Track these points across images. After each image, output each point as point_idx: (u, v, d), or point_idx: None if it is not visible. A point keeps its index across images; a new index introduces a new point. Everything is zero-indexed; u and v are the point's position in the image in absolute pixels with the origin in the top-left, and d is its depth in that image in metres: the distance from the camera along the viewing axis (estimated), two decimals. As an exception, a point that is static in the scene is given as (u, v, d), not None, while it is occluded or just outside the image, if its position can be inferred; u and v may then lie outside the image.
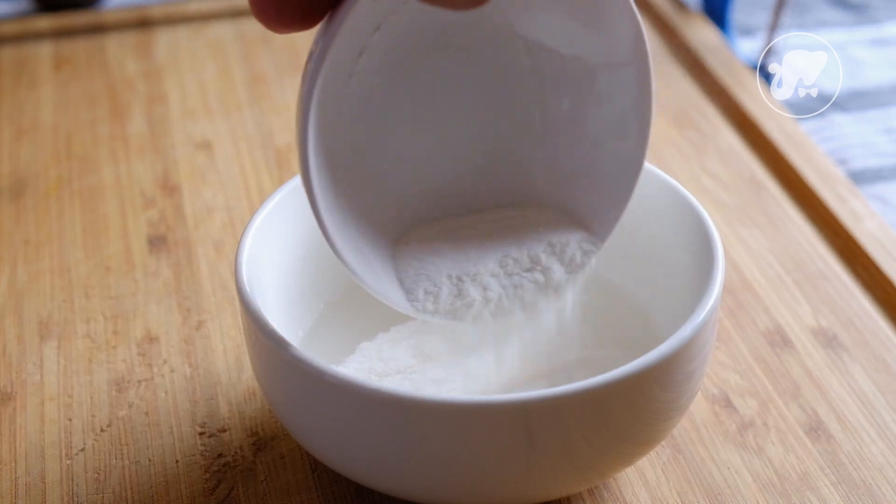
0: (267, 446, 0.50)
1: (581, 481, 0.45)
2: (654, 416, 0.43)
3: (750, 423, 0.51)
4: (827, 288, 0.58)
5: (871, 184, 0.71)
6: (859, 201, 0.64)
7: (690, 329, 0.42)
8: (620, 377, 0.40)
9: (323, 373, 0.40)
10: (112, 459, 0.49)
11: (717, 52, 0.78)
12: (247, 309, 0.43)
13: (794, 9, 0.88)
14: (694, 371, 0.43)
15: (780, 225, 0.63)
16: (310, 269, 0.51)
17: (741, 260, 0.60)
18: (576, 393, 0.39)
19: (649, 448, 0.45)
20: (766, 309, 0.57)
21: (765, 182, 0.67)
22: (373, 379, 0.47)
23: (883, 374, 0.53)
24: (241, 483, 0.48)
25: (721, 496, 0.47)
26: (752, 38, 0.87)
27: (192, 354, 0.54)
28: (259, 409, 0.51)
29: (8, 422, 0.51)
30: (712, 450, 0.49)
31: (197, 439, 0.50)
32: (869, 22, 0.90)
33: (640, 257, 0.52)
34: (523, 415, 0.40)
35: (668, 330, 0.43)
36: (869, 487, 0.48)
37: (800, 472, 0.48)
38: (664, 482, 0.48)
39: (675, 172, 0.66)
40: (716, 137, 0.71)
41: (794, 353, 0.54)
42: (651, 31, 0.82)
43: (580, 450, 0.42)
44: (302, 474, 0.48)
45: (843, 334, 0.55)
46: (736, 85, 0.74)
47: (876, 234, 0.61)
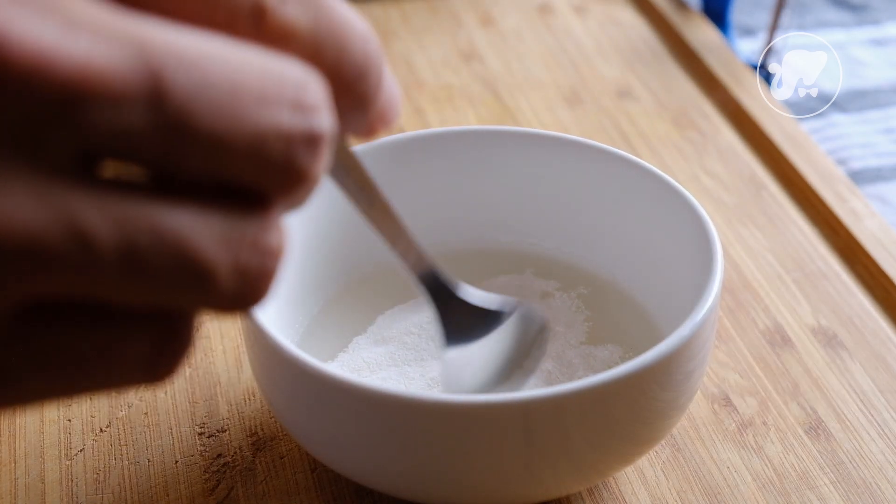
0: (266, 446, 0.50)
1: (580, 481, 0.45)
2: (653, 415, 0.43)
3: (749, 423, 0.51)
4: (827, 287, 0.58)
5: (871, 184, 0.71)
6: (859, 201, 0.63)
7: (690, 328, 0.42)
8: (620, 376, 0.40)
9: (321, 373, 0.40)
10: (111, 460, 0.49)
11: (717, 52, 0.78)
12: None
13: (794, 9, 0.88)
14: (693, 370, 0.43)
15: (779, 224, 0.63)
16: (308, 267, 0.51)
17: (741, 259, 0.60)
18: (575, 392, 0.39)
19: (649, 447, 0.45)
20: (765, 308, 0.57)
21: (765, 182, 0.66)
22: (370, 376, 0.47)
23: (883, 373, 0.53)
24: (240, 483, 0.48)
25: (721, 495, 0.47)
26: (752, 38, 0.87)
27: (191, 355, 0.54)
28: (258, 410, 0.51)
29: (8, 422, 0.51)
30: (712, 449, 0.49)
31: (196, 439, 0.50)
32: (869, 22, 0.90)
33: (638, 257, 0.52)
34: (523, 414, 0.40)
35: (667, 329, 0.43)
36: (868, 486, 0.48)
37: (799, 471, 0.48)
38: (664, 481, 0.48)
39: (674, 172, 0.66)
40: (716, 137, 0.71)
41: (794, 352, 0.54)
42: (651, 30, 0.83)
43: (580, 449, 0.42)
44: (301, 474, 0.48)
45: (843, 333, 0.55)
46: (736, 85, 0.74)
47: (876, 234, 0.61)
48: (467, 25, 0.84)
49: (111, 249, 0.20)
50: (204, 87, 0.20)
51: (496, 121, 0.73)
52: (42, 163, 0.19)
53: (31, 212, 0.19)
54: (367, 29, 0.24)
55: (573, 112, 0.74)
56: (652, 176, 0.50)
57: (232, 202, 0.21)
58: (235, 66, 0.21)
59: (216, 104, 0.20)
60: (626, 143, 0.70)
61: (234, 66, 0.21)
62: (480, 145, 0.54)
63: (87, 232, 0.19)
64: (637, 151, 0.69)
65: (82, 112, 0.19)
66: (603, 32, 0.83)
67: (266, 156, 0.21)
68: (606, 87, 0.76)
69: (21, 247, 0.19)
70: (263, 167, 0.21)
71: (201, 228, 0.21)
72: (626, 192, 0.52)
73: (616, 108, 0.74)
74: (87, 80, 0.19)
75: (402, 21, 0.85)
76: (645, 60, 0.79)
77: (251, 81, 0.21)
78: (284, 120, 0.21)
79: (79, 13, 0.20)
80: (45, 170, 0.19)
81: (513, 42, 0.82)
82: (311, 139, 0.21)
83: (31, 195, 0.19)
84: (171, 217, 0.20)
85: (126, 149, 0.20)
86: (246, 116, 0.21)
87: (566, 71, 0.78)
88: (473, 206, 0.55)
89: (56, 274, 0.20)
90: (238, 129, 0.21)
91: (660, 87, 0.76)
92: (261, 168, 0.21)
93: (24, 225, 0.19)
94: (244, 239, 0.21)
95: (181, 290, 0.21)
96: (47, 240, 0.19)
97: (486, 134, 0.54)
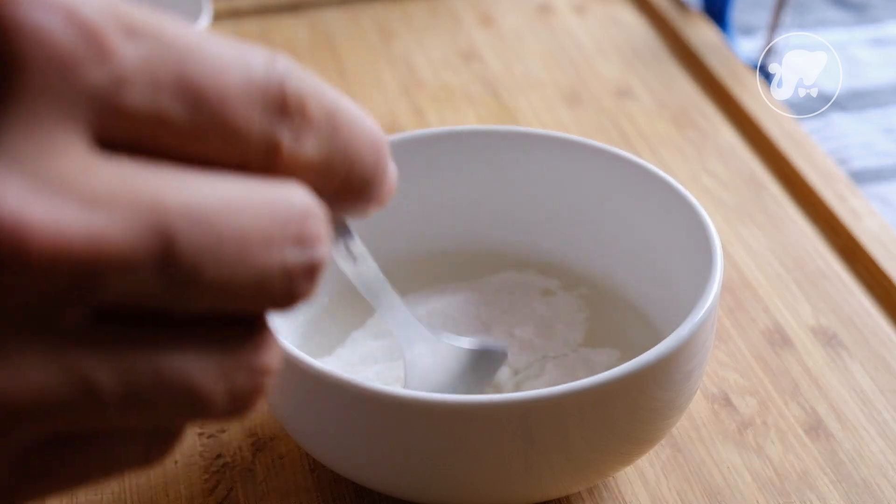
0: (266, 447, 0.50)
1: (580, 480, 0.45)
2: (653, 415, 0.43)
3: (749, 422, 0.51)
4: (827, 287, 0.58)
5: (871, 183, 0.71)
6: (859, 200, 0.63)
7: (689, 328, 0.42)
8: (619, 377, 0.40)
9: (321, 373, 0.40)
10: (111, 460, 0.49)
11: (717, 52, 0.78)
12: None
13: (794, 8, 0.88)
14: (693, 370, 0.43)
15: (779, 224, 0.63)
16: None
17: (741, 259, 0.60)
18: (575, 392, 0.39)
19: (648, 447, 0.45)
20: (765, 308, 0.57)
21: (765, 181, 0.66)
22: (364, 370, 0.47)
23: (883, 373, 0.53)
24: (240, 483, 0.48)
25: (720, 495, 0.47)
26: (752, 37, 0.87)
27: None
28: (258, 410, 0.51)
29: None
30: (712, 449, 0.49)
31: (196, 440, 0.50)
32: (869, 22, 0.90)
33: (638, 256, 0.52)
34: (522, 414, 0.40)
35: (667, 329, 0.43)
36: (868, 486, 0.48)
37: (799, 471, 0.48)
38: (663, 481, 0.48)
39: (675, 172, 0.66)
40: (716, 137, 0.71)
41: (794, 351, 0.54)
42: (651, 30, 0.83)
43: (579, 449, 0.42)
44: (301, 475, 0.48)
45: (843, 333, 0.55)
46: (736, 84, 0.74)
47: (876, 233, 0.61)
48: (467, 25, 0.84)
49: (117, 397, 0.21)
50: (213, 242, 0.21)
51: (496, 121, 0.73)
52: (52, 330, 0.20)
53: (45, 375, 0.20)
54: (377, 132, 0.25)
55: (573, 112, 0.74)
56: (652, 176, 0.50)
57: (227, 330, 0.22)
58: (242, 212, 0.22)
59: (224, 256, 0.21)
60: (626, 143, 0.70)
61: (242, 213, 0.21)
62: (480, 145, 0.54)
63: (94, 385, 0.21)
64: (637, 151, 0.69)
65: (96, 283, 0.20)
66: (603, 32, 0.83)
67: (269, 292, 0.22)
68: (606, 86, 0.76)
69: (35, 404, 0.20)
70: (264, 300, 0.22)
71: (199, 364, 0.22)
72: (626, 192, 0.52)
73: (616, 108, 0.74)
74: (101, 256, 0.20)
75: (402, 21, 0.85)
76: (645, 60, 0.79)
77: (257, 225, 0.22)
78: (289, 258, 0.22)
79: (95, 185, 0.20)
80: (55, 335, 0.20)
81: (513, 42, 0.82)
82: (312, 269, 0.22)
83: (44, 360, 0.20)
84: (171, 359, 0.21)
85: (134, 303, 0.21)
86: (252, 261, 0.22)
87: (566, 71, 0.78)
88: (473, 206, 0.55)
89: (65, 421, 0.21)
90: (244, 275, 0.21)
91: (660, 86, 0.76)
92: (262, 301, 0.22)
93: (38, 387, 0.20)
94: (240, 366, 0.22)
95: (179, 416, 0.22)
96: (59, 396, 0.20)
97: (486, 134, 0.54)
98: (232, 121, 0.22)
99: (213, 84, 0.22)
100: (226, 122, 0.22)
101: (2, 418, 0.20)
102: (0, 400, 0.20)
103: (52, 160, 0.20)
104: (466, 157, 0.54)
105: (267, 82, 0.22)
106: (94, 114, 0.21)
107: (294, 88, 0.23)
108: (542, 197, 0.54)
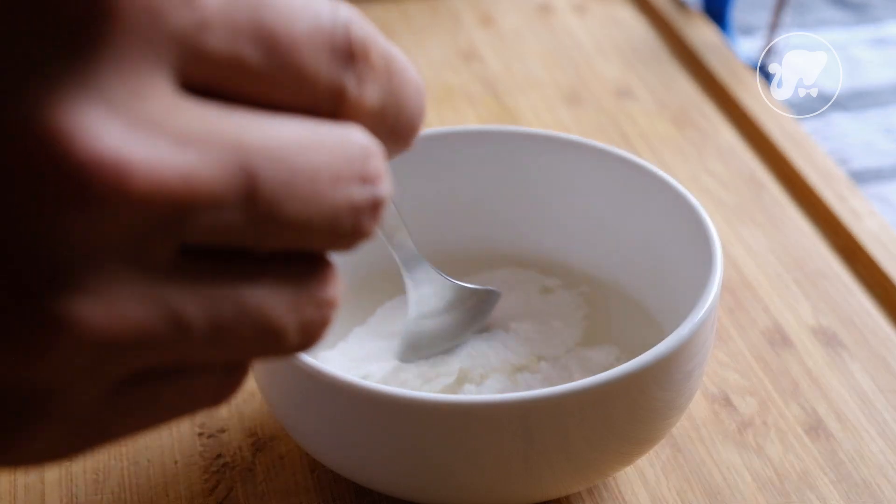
0: (266, 447, 0.50)
1: (580, 480, 0.45)
2: (652, 415, 0.43)
3: (749, 422, 0.51)
4: (827, 287, 0.58)
5: (871, 183, 0.71)
6: (859, 200, 0.63)
7: (689, 328, 0.42)
8: (619, 376, 0.40)
9: (320, 373, 0.40)
10: (111, 460, 0.49)
11: (717, 52, 0.78)
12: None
13: (794, 8, 0.88)
14: (693, 370, 0.43)
15: (779, 224, 0.63)
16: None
17: (741, 259, 0.60)
18: (575, 392, 0.39)
19: (648, 447, 0.45)
20: (765, 308, 0.57)
21: (765, 181, 0.66)
22: (365, 367, 0.47)
23: (883, 373, 0.53)
24: (240, 483, 0.48)
25: (720, 495, 0.47)
26: (752, 37, 0.87)
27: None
28: (258, 410, 0.51)
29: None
30: (712, 449, 0.49)
31: (196, 440, 0.50)
32: (869, 22, 0.90)
33: (638, 256, 0.52)
34: (522, 414, 0.40)
35: (666, 329, 0.43)
36: (868, 486, 0.48)
37: (799, 471, 0.48)
38: (663, 481, 0.48)
39: (675, 171, 0.66)
40: (716, 137, 0.71)
41: (794, 351, 0.54)
42: (651, 30, 0.83)
43: (579, 449, 0.42)
44: (301, 475, 0.48)
45: (843, 333, 0.55)
46: (736, 84, 0.74)
47: (876, 233, 0.61)
48: (467, 25, 0.84)
49: (205, 330, 0.22)
50: (289, 180, 0.22)
51: (496, 121, 0.73)
52: (144, 266, 0.21)
53: (139, 310, 0.21)
54: (421, 80, 0.26)
55: (573, 112, 0.74)
56: (652, 176, 0.50)
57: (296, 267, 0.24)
58: (313, 151, 0.23)
59: (299, 192, 0.22)
60: (626, 142, 0.70)
61: (313, 151, 0.23)
62: (480, 145, 0.54)
63: (184, 319, 0.22)
64: (637, 151, 0.69)
65: (187, 220, 0.21)
66: (603, 32, 0.83)
67: (338, 228, 0.23)
68: (606, 86, 0.76)
69: (130, 338, 0.21)
70: (334, 237, 0.23)
71: (275, 298, 0.23)
72: (626, 191, 0.52)
73: (616, 108, 0.74)
74: (194, 193, 0.21)
75: (402, 21, 0.85)
76: (645, 60, 0.79)
77: (327, 163, 0.23)
78: (355, 195, 0.23)
79: (184, 125, 0.21)
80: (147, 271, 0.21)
81: (513, 42, 0.82)
82: (375, 206, 0.24)
83: (137, 296, 0.21)
84: (251, 294, 0.23)
85: (219, 239, 0.22)
86: (323, 198, 0.23)
87: (566, 71, 0.78)
88: (473, 206, 0.55)
89: (156, 355, 0.22)
90: (316, 211, 0.23)
91: (660, 86, 0.76)
92: (332, 238, 0.23)
93: (133, 322, 0.21)
94: (309, 299, 0.24)
95: (255, 351, 0.23)
96: (152, 332, 0.21)
97: (486, 134, 0.54)
98: (302, 66, 0.23)
99: (285, 30, 0.22)
100: (297, 67, 0.23)
101: (99, 352, 0.21)
102: (98, 333, 0.21)
103: (145, 102, 0.21)
104: (466, 157, 0.54)
105: (333, 29, 0.23)
106: (179, 57, 0.21)
107: (358, 36, 0.24)
108: (542, 197, 0.54)
